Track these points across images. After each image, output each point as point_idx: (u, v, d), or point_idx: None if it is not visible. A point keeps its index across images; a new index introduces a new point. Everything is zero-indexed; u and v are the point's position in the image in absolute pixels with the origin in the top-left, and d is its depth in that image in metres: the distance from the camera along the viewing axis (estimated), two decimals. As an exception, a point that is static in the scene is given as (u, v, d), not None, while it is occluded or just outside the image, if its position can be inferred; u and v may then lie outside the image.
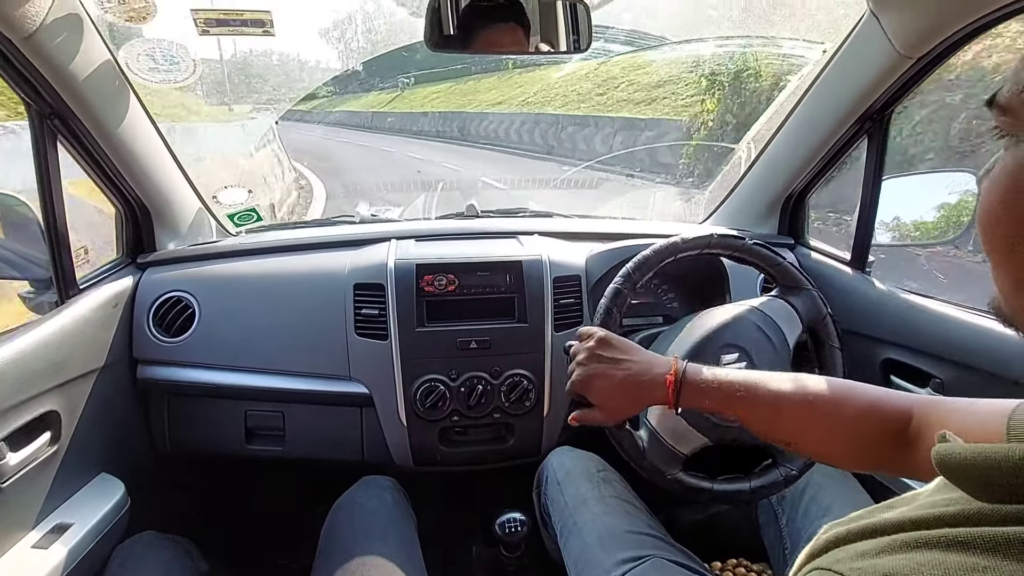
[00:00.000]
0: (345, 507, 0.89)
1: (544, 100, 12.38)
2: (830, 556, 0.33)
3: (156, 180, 1.11)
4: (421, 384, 1.06)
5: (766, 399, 0.63)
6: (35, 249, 0.96)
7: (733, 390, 0.64)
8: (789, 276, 0.89)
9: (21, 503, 0.82)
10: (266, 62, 31.42)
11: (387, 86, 21.62)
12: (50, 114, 0.88)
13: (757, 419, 0.64)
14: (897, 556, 0.29)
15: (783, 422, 0.63)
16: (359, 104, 22.32)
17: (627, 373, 0.69)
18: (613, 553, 0.80)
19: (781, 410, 0.62)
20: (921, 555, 0.28)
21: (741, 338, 0.86)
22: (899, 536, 0.30)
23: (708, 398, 0.66)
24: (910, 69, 0.92)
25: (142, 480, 1.04)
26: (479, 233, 1.27)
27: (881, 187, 1.06)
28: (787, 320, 0.87)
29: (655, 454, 0.82)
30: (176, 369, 1.09)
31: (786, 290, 0.89)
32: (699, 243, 0.88)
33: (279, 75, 26.36)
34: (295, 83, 30.07)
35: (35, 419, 0.83)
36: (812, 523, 0.86)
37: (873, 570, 0.29)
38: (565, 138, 10.34)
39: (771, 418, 0.63)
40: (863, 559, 0.30)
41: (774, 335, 0.86)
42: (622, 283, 0.87)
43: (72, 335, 0.92)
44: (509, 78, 14.91)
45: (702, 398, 0.66)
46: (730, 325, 0.87)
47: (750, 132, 1.61)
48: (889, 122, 1.02)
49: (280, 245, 1.23)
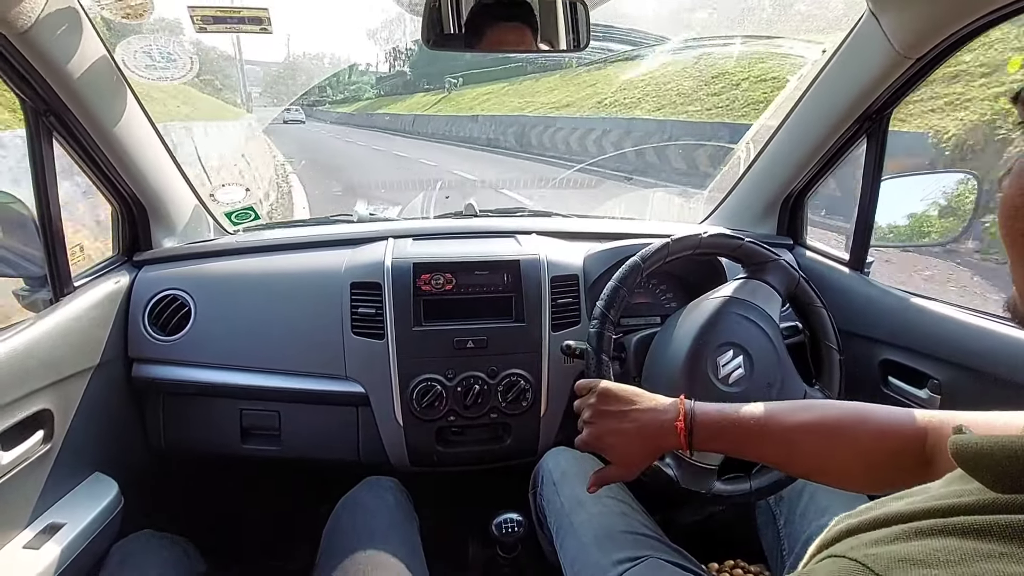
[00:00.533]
0: (348, 507, 0.88)
1: (629, 101, 10.33)
2: (843, 544, 0.33)
3: (152, 178, 1.10)
4: (417, 384, 1.06)
5: (779, 435, 0.62)
6: (30, 246, 0.95)
7: (746, 429, 0.63)
8: (753, 254, 0.91)
9: (13, 502, 0.81)
10: (318, 65, 31.25)
11: (433, 87, 20.96)
12: (45, 111, 0.88)
13: (773, 457, 0.64)
14: (912, 543, 0.29)
15: (800, 457, 0.62)
16: (403, 107, 21.45)
17: (637, 425, 0.68)
18: (610, 553, 0.79)
19: (796, 444, 0.62)
20: (937, 542, 0.28)
21: (731, 334, 0.86)
22: (913, 524, 0.30)
23: (721, 440, 0.65)
24: (909, 69, 0.92)
25: (136, 479, 1.04)
26: (477, 232, 1.26)
27: (880, 187, 1.06)
28: (765, 298, 0.88)
29: (688, 479, 0.81)
30: (171, 368, 1.08)
31: (755, 269, 0.90)
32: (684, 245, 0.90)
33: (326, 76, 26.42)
34: (345, 86, 30.04)
35: (28, 417, 0.82)
36: (811, 524, 0.86)
37: (888, 556, 0.29)
38: (701, 156, 7.25)
39: (787, 454, 0.63)
40: (877, 546, 0.30)
41: (759, 319, 0.87)
42: (617, 285, 0.87)
43: (67, 333, 0.91)
44: (575, 76, 13.54)
45: (715, 440, 0.65)
46: (716, 323, 0.88)
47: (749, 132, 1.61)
48: (888, 122, 1.02)
49: (277, 243, 1.22)
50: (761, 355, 0.86)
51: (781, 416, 0.63)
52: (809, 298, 0.91)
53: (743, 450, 0.66)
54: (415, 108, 20.48)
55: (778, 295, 0.89)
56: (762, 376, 0.85)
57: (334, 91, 33.14)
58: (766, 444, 0.63)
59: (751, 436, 0.63)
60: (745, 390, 0.85)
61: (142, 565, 0.81)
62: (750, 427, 0.63)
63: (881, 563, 0.28)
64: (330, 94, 33.45)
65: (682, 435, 0.65)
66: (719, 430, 0.65)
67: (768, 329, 0.87)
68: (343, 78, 34.04)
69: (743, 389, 0.85)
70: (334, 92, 33.55)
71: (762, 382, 0.85)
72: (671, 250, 0.90)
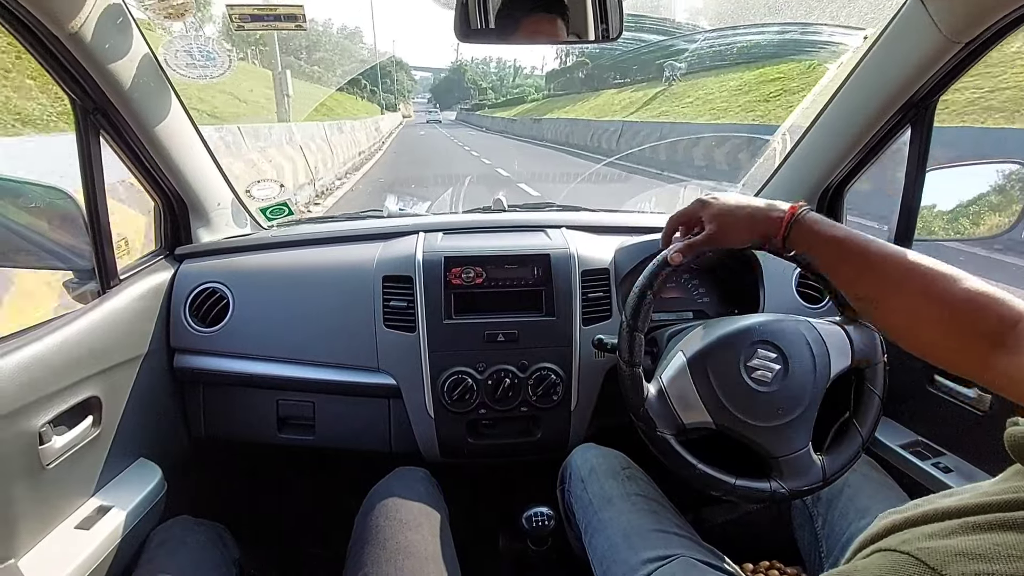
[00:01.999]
0: (379, 497, 0.89)
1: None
2: (894, 538, 0.32)
3: (193, 174, 1.14)
4: (448, 376, 1.06)
5: (879, 265, 0.63)
6: (79, 240, 0.99)
7: (847, 247, 0.65)
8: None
9: (65, 485, 0.85)
10: (483, 69, 33.48)
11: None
12: (94, 109, 0.91)
13: (865, 286, 0.64)
14: (971, 537, 0.28)
15: (891, 294, 0.62)
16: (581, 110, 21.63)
17: (750, 209, 0.74)
18: (639, 551, 0.78)
19: (891, 279, 0.61)
20: (996, 536, 0.27)
21: (784, 341, 0.82)
22: (969, 519, 0.29)
23: (818, 247, 0.67)
24: (958, 55, 0.88)
25: (178, 466, 1.07)
26: (506, 226, 1.26)
27: (925, 178, 1.02)
28: (838, 349, 0.82)
29: (655, 409, 0.81)
30: (211, 358, 1.12)
31: (848, 320, 0.84)
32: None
33: (494, 80, 27.94)
34: (509, 89, 30.84)
35: (78, 404, 0.86)
36: (851, 525, 0.83)
37: (944, 550, 0.28)
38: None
39: (881, 287, 0.62)
40: (931, 540, 0.29)
41: (819, 357, 0.81)
42: (649, 279, 0.85)
43: (113, 324, 0.95)
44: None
45: (812, 244, 0.68)
46: (777, 325, 0.83)
47: (785, 123, 1.57)
48: (935, 110, 0.98)
49: (310, 238, 1.25)
50: (798, 372, 0.81)
51: (885, 249, 0.63)
52: (874, 381, 0.83)
53: (836, 266, 0.67)
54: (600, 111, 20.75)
55: (850, 357, 0.82)
56: (793, 388, 0.80)
57: (496, 94, 34.14)
58: (862, 271, 0.63)
59: (850, 255, 0.64)
60: (770, 392, 0.80)
61: (179, 549, 0.84)
62: (851, 247, 0.64)
63: (937, 557, 0.27)
64: (492, 97, 34.36)
65: (784, 224, 0.69)
66: (821, 238, 0.67)
67: (819, 368, 0.81)
68: (507, 81, 35.04)
69: (769, 391, 0.80)
70: (496, 95, 34.46)
71: (790, 393, 0.80)
72: (666, 274, 0.83)
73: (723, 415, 0.79)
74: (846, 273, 0.66)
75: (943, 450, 1.00)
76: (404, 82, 23.58)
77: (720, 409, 0.79)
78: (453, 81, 37.66)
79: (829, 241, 0.67)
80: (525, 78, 34.95)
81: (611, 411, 1.11)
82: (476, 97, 30.47)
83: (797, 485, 0.80)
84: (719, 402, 0.79)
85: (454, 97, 35.05)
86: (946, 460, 0.98)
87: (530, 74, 36.41)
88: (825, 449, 0.82)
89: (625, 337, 0.82)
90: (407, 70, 30.14)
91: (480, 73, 41.31)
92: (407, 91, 35.25)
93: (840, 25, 2.47)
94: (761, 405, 0.79)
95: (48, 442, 0.79)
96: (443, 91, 38.35)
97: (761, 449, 0.80)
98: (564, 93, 26.14)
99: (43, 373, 0.79)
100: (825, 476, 0.80)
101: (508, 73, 36.86)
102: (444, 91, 37.93)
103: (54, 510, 0.83)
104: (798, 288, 1.18)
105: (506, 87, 34.07)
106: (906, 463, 1.01)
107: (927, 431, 1.04)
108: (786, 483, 0.80)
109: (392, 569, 0.75)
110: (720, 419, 0.79)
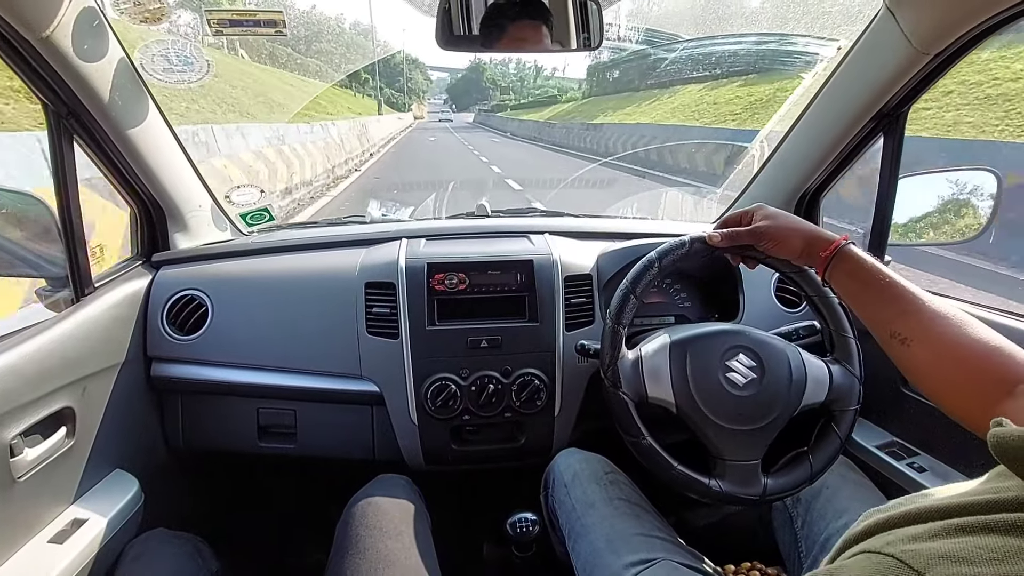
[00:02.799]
0: (360, 504, 0.89)
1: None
2: (877, 540, 0.32)
3: (169, 179, 1.12)
4: (432, 383, 1.06)
5: (915, 298, 0.65)
6: (51, 247, 0.97)
7: (888, 280, 0.67)
8: (846, 350, 0.85)
9: (38, 498, 0.83)
10: (502, 71, 30.91)
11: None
12: (67, 114, 0.89)
13: (899, 323, 0.65)
14: (953, 540, 0.28)
15: (923, 331, 0.64)
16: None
17: (805, 228, 0.77)
18: (622, 556, 0.79)
19: (924, 316, 0.64)
20: (978, 539, 0.28)
21: (767, 354, 0.84)
22: (952, 521, 0.30)
23: (858, 280, 0.70)
24: (927, 66, 0.90)
25: (156, 477, 1.05)
26: (489, 232, 1.26)
27: (897, 186, 1.05)
28: (817, 383, 0.84)
29: (625, 372, 0.84)
30: (189, 367, 1.10)
31: (835, 360, 0.86)
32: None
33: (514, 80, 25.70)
34: (530, 91, 29.36)
35: (51, 415, 0.84)
36: (828, 525, 0.85)
37: (928, 552, 0.28)
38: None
39: (913, 321, 0.64)
40: (915, 542, 0.30)
41: (796, 382, 0.83)
42: (630, 286, 0.86)
43: (87, 333, 0.93)
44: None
45: (852, 276, 0.71)
46: (766, 339, 0.86)
47: (763, 131, 1.60)
48: (905, 120, 1.01)
49: (291, 244, 1.23)
50: (773, 386, 0.83)
51: (918, 290, 0.66)
52: (840, 423, 0.85)
53: (871, 303, 0.69)
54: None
55: (825, 392, 0.84)
56: (761, 399, 0.82)
57: (517, 95, 32.35)
58: (904, 311, 0.65)
59: (890, 295, 0.67)
60: (738, 396, 0.82)
61: (154, 563, 0.82)
62: (892, 287, 0.67)
63: (920, 560, 0.28)
64: (512, 98, 32.56)
65: (830, 249, 0.73)
66: (863, 270, 0.70)
67: (793, 392, 0.83)
68: (528, 82, 33.56)
69: (738, 393, 0.82)
70: (517, 96, 32.74)
71: (756, 403, 0.82)
72: (692, 249, 0.86)
73: (687, 402, 0.82)
74: (883, 311, 0.68)
75: (917, 450, 1.03)
76: (419, 81, 22.79)
77: (686, 395, 0.82)
78: (471, 81, 36.54)
79: (870, 279, 0.69)
80: (546, 79, 34.33)
81: (594, 416, 1.11)
82: (496, 98, 29.65)
83: (735, 491, 0.82)
84: (687, 388, 0.82)
85: (472, 98, 33.87)
86: (920, 460, 1.00)
87: (551, 75, 35.68)
88: (773, 471, 0.84)
89: (619, 296, 0.85)
90: (422, 69, 29.01)
91: (499, 73, 39.72)
92: (422, 91, 34.07)
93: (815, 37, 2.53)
94: (726, 405, 0.82)
95: (19, 454, 0.77)
96: (461, 92, 37.26)
97: (712, 446, 0.82)
98: (614, 92, 23.66)
99: (14, 384, 0.77)
100: (764, 494, 0.82)
101: (529, 74, 36.12)
102: (462, 92, 36.80)
103: (26, 524, 0.81)
104: (776, 293, 1.20)
105: (527, 88, 33.39)
106: (882, 463, 1.03)
107: (902, 432, 1.07)
108: (725, 486, 0.82)
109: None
110: (683, 404, 0.82)
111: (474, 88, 40.50)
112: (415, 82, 22.54)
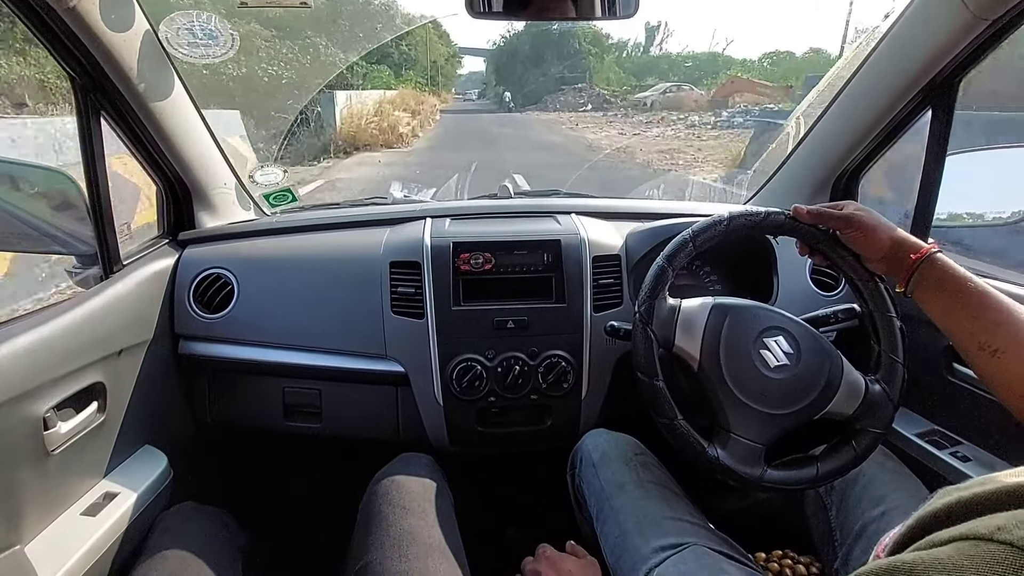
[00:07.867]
0: (384, 483, 0.88)
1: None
2: (980, 523, 0.28)
3: (196, 158, 1.11)
4: (457, 364, 1.05)
5: (1006, 307, 0.63)
6: (81, 225, 0.97)
7: (980, 290, 0.65)
8: (891, 373, 0.81)
9: (70, 471, 0.84)
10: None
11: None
12: (93, 88, 0.89)
13: (988, 329, 0.63)
14: None
15: (1016, 341, 0.61)
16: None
17: (899, 232, 0.74)
18: (651, 540, 0.77)
19: (1015, 326, 0.62)
20: None
21: (808, 347, 0.81)
22: None
23: (944, 291, 0.68)
24: (984, 32, 0.85)
25: (184, 453, 1.06)
26: (514, 212, 1.24)
27: (945, 163, 1.00)
28: (849, 395, 0.80)
29: (659, 315, 0.83)
30: (216, 345, 1.10)
31: (876, 380, 0.81)
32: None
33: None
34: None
35: (83, 390, 0.85)
36: (864, 514, 0.82)
37: None
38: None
39: (1007, 332, 0.62)
40: None
41: (828, 386, 0.80)
42: (665, 263, 0.83)
43: (116, 309, 0.93)
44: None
45: (938, 288, 0.68)
46: (812, 334, 0.83)
47: (800, 106, 1.54)
48: (957, 91, 0.95)
49: (316, 223, 1.23)
50: (803, 379, 0.80)
51: (1005, 298, 0.64)
52: (863, 438, 0.82)
53: (958, 313, 0.66)
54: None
55: (855, 407, 0.81)
56: (786, 387, 0.80)
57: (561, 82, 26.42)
58: (997, 321, 0.63)
59: (981, 305, 0.64)
60: (764, 376, 0.80)
61: (184, 536, 0.83)
62: (983, 297, 0.64)
63: None
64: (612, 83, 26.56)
65: (920, 253, 0.70)
66: (953, 279, 0.67)
67: (829, 379, 0.80)
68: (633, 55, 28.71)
69: (765, 373, 0.80)
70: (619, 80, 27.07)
71: (780, 389, 0.80)
72: (731, 226, 0.83)
73: (712, 361, 0.80)
74: (972, 321, 0.65)
75: (961, 439, 0.99)
76: (446, 68, 18.65)
77: (713, 355, 0.80)
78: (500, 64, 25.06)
79: (960, 288, 0.66)
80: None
81: (623, 399, 1.09)
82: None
83: (733, 465, 0.79)
84: (716, 348, 0.80)
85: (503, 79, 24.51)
86: (964, 449, 0.96)
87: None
88: (775, 464, 0.82)
89: (679, 241, 0.83)
90: (455, 55, 21.46)
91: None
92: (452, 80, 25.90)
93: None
94: (750, 380, 0.80)
95: (53, 428, 0.78)
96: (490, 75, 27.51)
97: (721, 416, 0.80)
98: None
99: (46, 357, 0.77)
100: (761, 479, 0.80)
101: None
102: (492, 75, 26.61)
103: (60, 496, 0.82)
104: (812, 276, 1.16)
105: (634, 61, 26.36)
106: (923, 452, 0.99)
107: (944, 420, 1.03)
108: (723, 456, 0.79)
109: (396, 555, 0.74)
110: (707, 363, 0.80)
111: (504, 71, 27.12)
112: (443, 69, 18.83)
